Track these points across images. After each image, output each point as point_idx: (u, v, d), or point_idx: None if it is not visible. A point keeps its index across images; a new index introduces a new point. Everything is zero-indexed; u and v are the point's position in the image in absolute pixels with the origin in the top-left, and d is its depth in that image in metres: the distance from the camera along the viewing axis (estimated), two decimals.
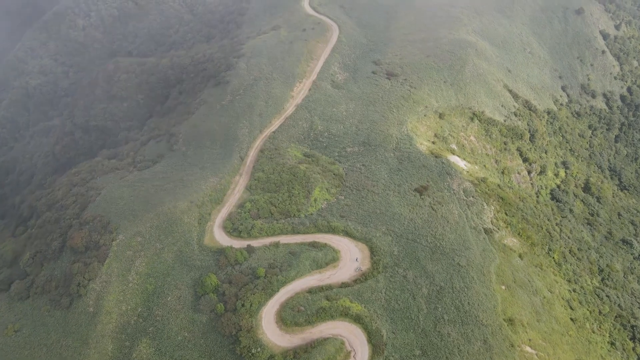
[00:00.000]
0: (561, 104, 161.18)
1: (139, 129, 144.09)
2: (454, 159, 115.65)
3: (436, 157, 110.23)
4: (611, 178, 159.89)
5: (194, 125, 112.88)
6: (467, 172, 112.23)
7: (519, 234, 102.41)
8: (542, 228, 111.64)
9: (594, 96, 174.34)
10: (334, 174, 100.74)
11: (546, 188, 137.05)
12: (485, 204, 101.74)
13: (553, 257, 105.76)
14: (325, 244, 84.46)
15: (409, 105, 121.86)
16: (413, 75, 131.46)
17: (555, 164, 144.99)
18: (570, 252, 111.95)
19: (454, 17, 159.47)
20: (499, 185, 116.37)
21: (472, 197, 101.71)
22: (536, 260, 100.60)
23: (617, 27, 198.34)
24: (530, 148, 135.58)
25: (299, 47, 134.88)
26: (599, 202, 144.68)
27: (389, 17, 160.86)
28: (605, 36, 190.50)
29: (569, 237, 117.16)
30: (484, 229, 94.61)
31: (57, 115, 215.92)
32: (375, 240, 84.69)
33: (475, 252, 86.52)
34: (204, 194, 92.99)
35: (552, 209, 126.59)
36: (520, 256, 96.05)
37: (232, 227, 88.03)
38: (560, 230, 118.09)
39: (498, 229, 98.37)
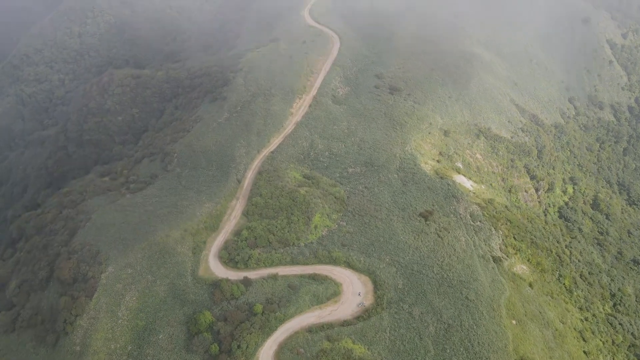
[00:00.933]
0: (568, 117, 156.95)
1: (134, 143, 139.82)
2: (460, 178, 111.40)
3: (441, 178, 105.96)
4: (619, 193, 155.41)
5: (189, 144, 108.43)
6: (474, 193, 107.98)
7: (528, 261, 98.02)
8: (552, 252, 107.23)
9: (601, 108, 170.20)
10: (335, 198, 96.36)
11: (554, 206, 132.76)
12: (493, 229, 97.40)
13: (564, 284, 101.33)
14: (326, 276, 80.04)
15: (413, 122, 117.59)
16: (417, 90, 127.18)
17: (563, 180, 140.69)
18: (581, 277, 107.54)
19: (459, 28, 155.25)
20: (506, 206, 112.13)
21: (480, 221, 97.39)
22: (547, 287, 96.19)
23: (624, 36, 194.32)
24: (538, 165, 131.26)
25: (299, 60, 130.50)
26: (608, 219, 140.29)
27: (391, 27, 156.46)
28: (612, 45, 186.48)
29: (579, 260, 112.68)
30: (493, 257, 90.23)
31: (52, 124, 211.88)
32: (378, 272, 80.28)
33: (484, 283, 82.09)
34: (199, 220, 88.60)
35: (561, 229, 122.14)
36: (530, 285, 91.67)
37: (228, 257, 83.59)
38: (570, 252, 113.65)
39: (507, 256, 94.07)
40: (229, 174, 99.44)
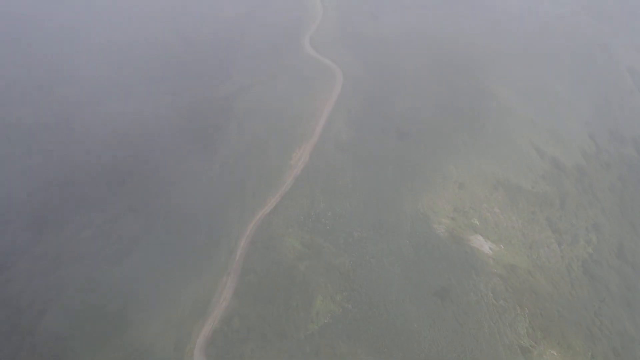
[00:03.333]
0: (589, 155, 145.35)
1: (120, 185, 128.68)
2: (477, 240, 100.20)
3: (457, 243, 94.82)
4: None
5: (176, 203, 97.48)
6: (493, 259, 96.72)
7: (558, 344, 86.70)
8: (582, 325, 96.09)
9: (623, 142, 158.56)
10: (340, 272, 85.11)
11: (578, 260, 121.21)
12: (518, 307, 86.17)
13: None
14: None
15: (425, 175, 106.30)
16: (428, 134, 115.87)
17: (586, 228, 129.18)
18: (614, 353, 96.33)
19: (472, 59, 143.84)
20: (529, 271, 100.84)
21: (503, 299, 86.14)
22: None
23: None
24: (561, 216, 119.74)
25: (298, 101, 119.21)
26: (635, 270, 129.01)
27: (399, 59, 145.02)
28: (632, 73, 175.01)
29: (610, 332, 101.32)
30: (520, 347, 79.02)
31: (39, 150, 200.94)
32: None
33: None
34: (184, 306, 77.44)
35: (588, 292, 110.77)
36: None
37: (217, 355, 72.27)
38: (600, 322, 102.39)
39: (535, 342, 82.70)
40: (220, 244, 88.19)
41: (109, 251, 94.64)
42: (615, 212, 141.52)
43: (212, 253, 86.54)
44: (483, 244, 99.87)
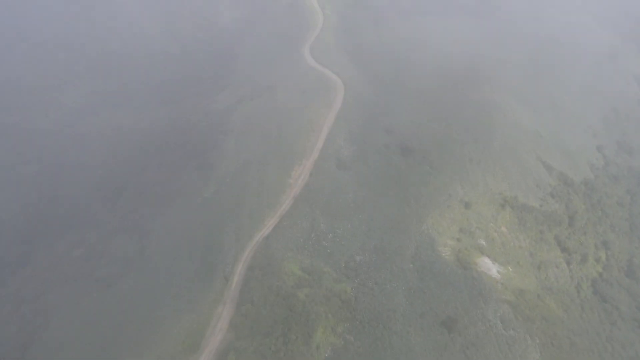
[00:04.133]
0: (598, 169, 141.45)
1: (114, 202, 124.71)
2: (484, 263, 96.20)
3: (464, 267, 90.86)
4: None
5: (170, 226, 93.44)
6: (502, 283, 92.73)
7: None
8: (594, 351, 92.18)
9: (630, 154, 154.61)
10: (341, 300, 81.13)
11: (587, 279, 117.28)
12: (528, 337, 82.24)
13: None
14: None
15: (429, 194, 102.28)
16: (432, 150, 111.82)
17: (595, 245, 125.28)
18: None
19: (477, 70, 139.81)
20: (538, 295, 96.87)
21: (513, 329, 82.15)
22: None
23: None
24: (569, 234, 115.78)
25: (298, 116, 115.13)
26: None
27: (402, 68, 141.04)
28: (639, 81, 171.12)
29: (622, 357, 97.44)
30: None
31: (34, 158, 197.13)
32: None
33: None
34: (176, 340, 73.30)
35: (599, 314, 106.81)
36: None
37: None
38: (612, 348, 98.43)
39: None
40: (215, 270, 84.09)
41: (101, 274, 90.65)
42: (624, 227, 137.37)
43: (207, 281, 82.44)
44: (490, 267, 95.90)
